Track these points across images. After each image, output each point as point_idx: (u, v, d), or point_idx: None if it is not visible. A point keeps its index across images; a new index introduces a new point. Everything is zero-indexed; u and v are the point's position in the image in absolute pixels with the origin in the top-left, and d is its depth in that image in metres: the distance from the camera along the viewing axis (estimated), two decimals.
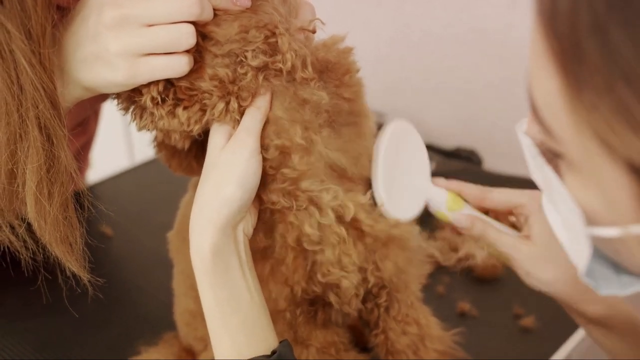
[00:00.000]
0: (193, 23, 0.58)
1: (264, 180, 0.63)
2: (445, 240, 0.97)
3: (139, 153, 1.91)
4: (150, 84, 0.60)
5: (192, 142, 0.66)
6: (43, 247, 0.63)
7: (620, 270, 0.46)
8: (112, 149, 1.78)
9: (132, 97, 0.62)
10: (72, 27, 0.60)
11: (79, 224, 0.63)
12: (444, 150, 1.35)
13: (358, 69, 0.67)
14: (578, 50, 0.36)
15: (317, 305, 0.71)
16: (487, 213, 0.72)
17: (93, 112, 1.12)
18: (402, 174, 0.69)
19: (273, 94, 0.63)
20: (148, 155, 1.34)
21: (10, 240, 0.63)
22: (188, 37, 0.58)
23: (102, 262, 0.66)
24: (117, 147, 2.02)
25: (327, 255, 0.64)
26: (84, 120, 1.08)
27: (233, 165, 0.61)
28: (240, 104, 0.62)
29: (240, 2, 0.60)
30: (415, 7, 1.36)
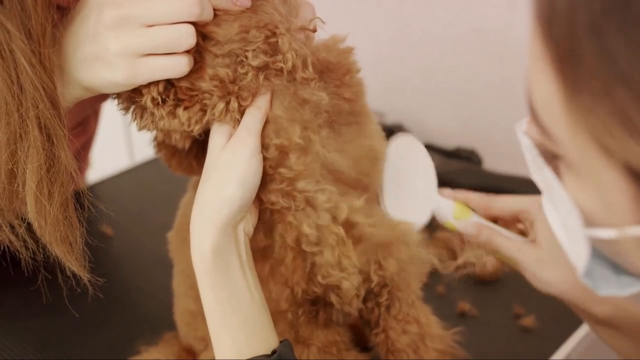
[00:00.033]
0: (193, 23, 0.59)
1: (263, 180, 0.63)
2: (444, 243, 0.97)
3: (139, 153, 1.91)
4: (151, 84, 0.60)
5: (192, 141, 0.66)
6: (43, 246, 0.63)
7: (620, 271, 0.46)
8: (112, 149, 1.78)
9: (132, 97, 0.62)
10: (72, 27, 0.60)
11: (79, 224, 0.63)
12: (444, 150, 1.35)
13: (359, 69, 0.67)
14: (575, 54, 0.36)
15: (318, 305, 0.71)
16: (496, 222, 0.73)
17: (93, 112, 1.12)
18: (408, 186, 0.70)
19: (273, 93, 0.63)
20: (148, 155, 1.34)
21: (10, 240, 0.63)
22: (188, 37, 0.58)
23: (102, 262, 0.66)
24: (117, 147, 2.02)
25: (326, 257, 0.64)
26: (84, 120, 1.08)
27: (234, 165, 0.61)
28: (241, 104, 0.62)
29: (241, 2, 0.60)
30: (415, 7, 1.36)
